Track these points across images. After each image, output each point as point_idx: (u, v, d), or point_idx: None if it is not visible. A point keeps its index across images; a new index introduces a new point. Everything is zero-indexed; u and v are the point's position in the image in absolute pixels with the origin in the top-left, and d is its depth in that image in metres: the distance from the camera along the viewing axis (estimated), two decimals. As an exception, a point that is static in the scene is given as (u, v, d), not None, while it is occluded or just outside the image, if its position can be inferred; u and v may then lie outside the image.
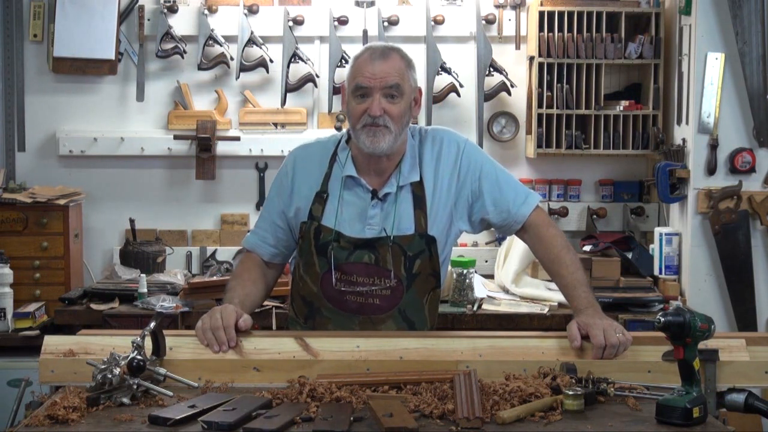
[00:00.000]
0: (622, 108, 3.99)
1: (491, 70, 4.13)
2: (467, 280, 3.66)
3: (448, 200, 2.48)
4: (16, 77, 4.16)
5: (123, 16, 4.14)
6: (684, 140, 3.79)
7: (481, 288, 3.73)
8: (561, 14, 3.98)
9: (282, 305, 3.48)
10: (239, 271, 2.55)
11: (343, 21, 4.14)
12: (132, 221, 4.07)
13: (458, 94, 4.15)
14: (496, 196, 2.50)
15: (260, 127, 4.19)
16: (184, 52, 4.14)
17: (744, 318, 3.65)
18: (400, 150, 2.46)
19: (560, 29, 3.98)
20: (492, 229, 2.63)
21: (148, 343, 2.09)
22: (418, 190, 2.46)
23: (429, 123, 4.09)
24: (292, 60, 4.10)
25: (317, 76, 4.14)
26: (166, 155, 4.18)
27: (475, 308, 3.57)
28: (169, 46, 4.13)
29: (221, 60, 4.13)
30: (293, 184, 2.50)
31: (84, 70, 4.13)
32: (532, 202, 2.53)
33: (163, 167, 4.24)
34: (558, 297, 3.47)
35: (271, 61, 4.13)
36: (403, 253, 2.42)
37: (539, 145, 4.02)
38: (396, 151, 2.44)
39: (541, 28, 3.98)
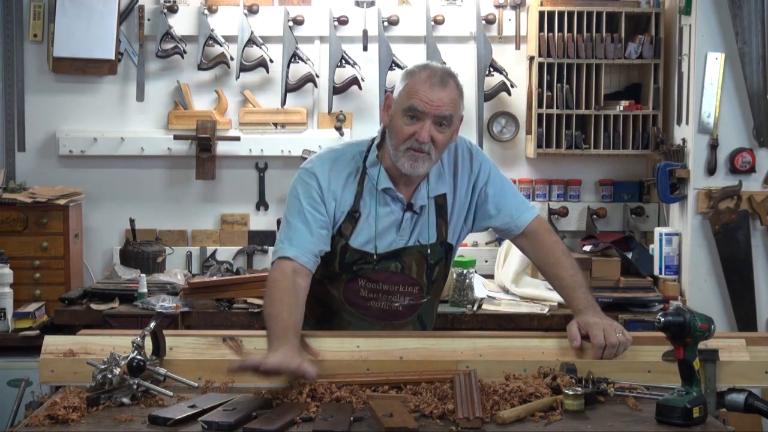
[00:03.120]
0: (622, 108, 3.99)
1: (491, 70, 4.13)
2: (467, 280, 3.66)
3: (464, 208, 2.52)
4: (16, 77, 4.15)
5: (123, 16, 4.14)
6: (684, 140, 3.78)
7: (481, 288, 3.73)
8: (561, 14, 3.98)
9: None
10: (281, 295, 2.28)
11: (343, 21, 4.14)
12: (132, 221, 4.07)
13: (458, 94, 4.15)
14: (499, 200, 2.52)
15: (260, 127, 4.19)
16: (184, 52, 4.13)
17: (744, 318, 3.65)
18: None
19: (560, 29, 3.98)
20: (490, 229, 2.63)
21: (148, 343, 2.09)
22: (440, 199, 2.49)
23: (429, 123, 4.09)
24: (292, 60, 4.09)
25: (317, 76, 4.13)
26: (166, 155, 4.18)
27: (475, 308, 3.57)
28: (169, 46, 4.13)
29: (221, 60, 4.13)
30: (327, 196, 2.40)
31: (84, 70, 4.13)
32: (534, 211, 2.57)
33: (163, 167, 4.23)
34: (558, 297, 3.46)
35: (271, 61, 4.13)
36: (426, 261, 2.46)
37: (539, 145, 4.02)
38: None
39: (541, 28, 3.98)
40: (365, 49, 4.11)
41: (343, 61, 4.09)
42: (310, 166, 2.45)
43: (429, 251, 2.45)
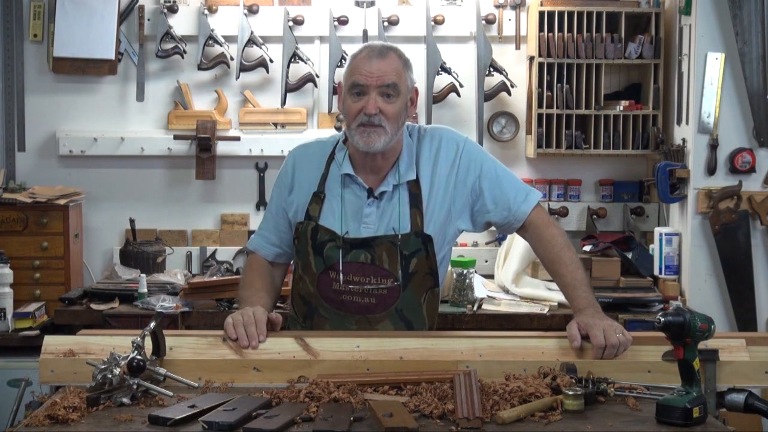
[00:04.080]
0: (622, 108, 3.99)
1: (491, 70, 4.13)
2: (467, 280, 3.66)
3: (445, 199, 2.48)
4: (16, 77, 4.15)
5: (123, 16, 4.14)
6: (684, 140, 3.79)
7: (481, 288, 3.73)
8: (561, 14, 3.98)
9: (283, 305, 3.48)
10: (250, 280, 2.53)
11: (343, 21, 4.14)
12: (132, 221, 4.07)
13: (458, 94, 4.15)
14: (496, 193, 2.50)
15: (260, 127, 4.19)
16: (184, 52, 4.14)
17: (744, 318, 3.65)
18: (395, 149, 2.47)
19: (560, 29, 3.98)
20: (493, 228, 2.62)
21: (148, 343, 2.09)
22: (414, 188, 2.46)
23: (429, 123, 4.09)
24: (292, 60, 4.10)
25: (317, 76, 4.14)
26: (166, 155, 4.18)
27: (475, 308, 3.57)
28: (169, 46, 4.13)
29: (221, 60, 4.13)
30: (293, 183, 2.53)
31: (84, 70, 4.13)
32: (532, 201, 2.53)
33: (163, 167, 4.23)
34: (558, 297, 3.47)
35: (271, 61, 4.13)
36: (399, 252, 2.42)
37: (539, 145, 4.02)
38: (391, 149, 2.45)
39: (541, 28, 3.98)
40: (365, 49, 4.11)
41: (343, 61, 4.09)
42: (291, 151, 2.60)
43: (401, 241, 2.42)
